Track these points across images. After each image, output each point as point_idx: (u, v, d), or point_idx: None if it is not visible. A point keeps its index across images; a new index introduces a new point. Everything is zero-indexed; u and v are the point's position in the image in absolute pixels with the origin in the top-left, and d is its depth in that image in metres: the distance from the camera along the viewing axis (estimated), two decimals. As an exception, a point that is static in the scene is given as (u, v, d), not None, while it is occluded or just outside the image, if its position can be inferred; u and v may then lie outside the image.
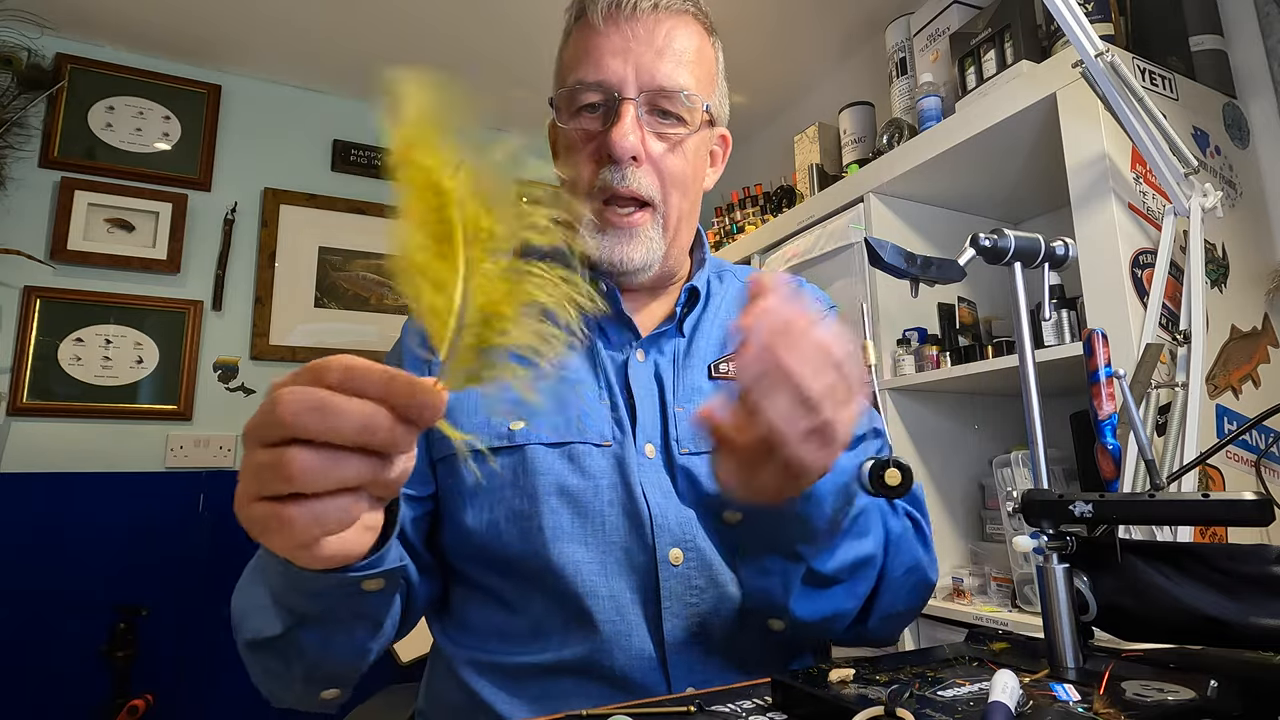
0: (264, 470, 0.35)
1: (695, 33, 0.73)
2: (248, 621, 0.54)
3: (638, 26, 0.70)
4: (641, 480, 0.67)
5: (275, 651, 0.53)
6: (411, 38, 2.27)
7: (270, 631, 0.51)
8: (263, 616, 0.52)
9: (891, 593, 0.65)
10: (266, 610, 0.51)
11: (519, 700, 0.64)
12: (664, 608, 0.64)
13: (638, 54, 0.69)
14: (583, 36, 0.71)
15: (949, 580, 1.49)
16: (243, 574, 0.59)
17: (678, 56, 0.70)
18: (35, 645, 1.92)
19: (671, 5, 0.71)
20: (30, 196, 2.14)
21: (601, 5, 0.70)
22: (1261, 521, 0.42)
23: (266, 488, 0.35)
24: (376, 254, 2.58)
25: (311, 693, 0.57)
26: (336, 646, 0.53)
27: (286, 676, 0.55)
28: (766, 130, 2.71)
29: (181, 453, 2.20)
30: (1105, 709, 0.41)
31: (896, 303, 1.66)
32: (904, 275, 0.59)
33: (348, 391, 0.35)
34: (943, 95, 1.63)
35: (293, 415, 0.34)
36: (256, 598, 0.53)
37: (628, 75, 0.69)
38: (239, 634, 0.56)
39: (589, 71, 0.69)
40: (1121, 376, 0.56)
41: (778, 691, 0.49)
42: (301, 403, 0.34)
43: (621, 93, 0.69)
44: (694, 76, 0.72)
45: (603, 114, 0.70)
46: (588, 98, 0.70)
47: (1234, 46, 1.45)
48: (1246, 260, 1.29)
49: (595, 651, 0.63)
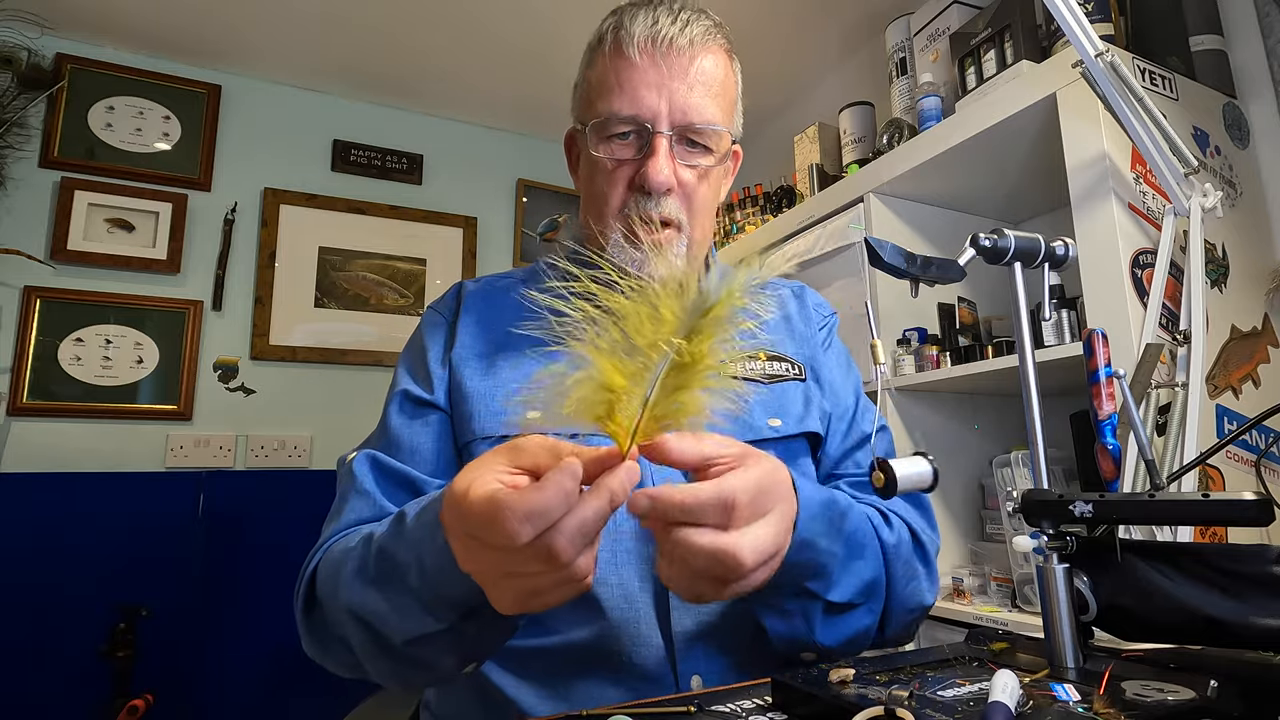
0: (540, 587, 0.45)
1: (722, 61, 0.76)
2: (399, 624, 0.54)
3: (672, 61, 0.72)
4: (652, 472, 0.69)
5: (436, 642, 0.54)
6: (412, 37, 2.27)
7: (436, 627, 0.53)
8: (417, 617, 0.53)
9: (899, 600, 0.67)
10: (420, 611, 0.53)
11: (527, 684, 0.65)
12: (671, 597, 0.65)
13: (671, 89, 0.71)
14: (617, 66, 0.73)
15: (949, 580, 1.49)
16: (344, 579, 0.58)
17: (707, 89, 0.73)
18: (35, 645, 1.92)
19: (705, 39, 0.74)
20: (30, 196, 2.14)
21: (638, 39, 0.72)
22: (1261, 521, 0.42)
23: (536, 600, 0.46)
24: (376, 254, 2.58)
25: (461, 667, 0.58)
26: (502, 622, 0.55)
27: (437, 661, 0.56)
28: (766, 130, 2.71)
29: (181, 453, 2.20)
30: (1105, 709, 0.41)
31: (896, 303, 1.66)
32: (904, 275, 0.59)
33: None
34: (943, 95, 1.63)
35: (562, 549, 0.42)
36: (399, 603, 0.54)
37: (661, 109, 0.71)
38: (382, 637, 0.56)
39: (624, 105, 0.71)
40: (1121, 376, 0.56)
41: (778, 691, 0.49)
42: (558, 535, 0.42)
43: (655, 126, 0.71)
44: (720, 108, 0.75)
45: (635, 143, 0.73)
46: (620, 128, 0.72)
47: (1234, 46, 1.45)
48: (1246, 260, 1.29)
49: (603, 637, 0.64)
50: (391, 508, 0.66)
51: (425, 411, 0.74)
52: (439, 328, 0.80)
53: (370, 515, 0.67)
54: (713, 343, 0.43)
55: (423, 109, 2.73)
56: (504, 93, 2.60)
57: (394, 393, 0.77)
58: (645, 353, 0.43)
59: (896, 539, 0.68)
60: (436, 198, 2.72)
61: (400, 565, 0.53)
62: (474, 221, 2.76)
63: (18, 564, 1.94)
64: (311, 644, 0.65)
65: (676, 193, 0.73)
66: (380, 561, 0.56)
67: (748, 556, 0.48)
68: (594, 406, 0.44)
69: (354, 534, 0.63)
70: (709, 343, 0.43)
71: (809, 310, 0.87)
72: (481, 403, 0.72)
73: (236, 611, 2.13)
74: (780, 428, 0.75)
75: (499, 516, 0.41)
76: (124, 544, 2.05)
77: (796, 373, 0.79)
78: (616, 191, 0.73)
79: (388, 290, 2.59)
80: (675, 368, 0.43)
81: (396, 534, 0.55)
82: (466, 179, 2.79)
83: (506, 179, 2.88)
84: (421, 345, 0.80)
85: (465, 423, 0.72)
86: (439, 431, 0.74)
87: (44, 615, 1.94)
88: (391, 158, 2.66)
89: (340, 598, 0.58)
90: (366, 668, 0.60)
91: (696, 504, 0.47)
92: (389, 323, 2.56)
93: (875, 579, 0.64)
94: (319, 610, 0.63)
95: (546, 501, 0.41)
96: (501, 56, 2.38)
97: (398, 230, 2.62)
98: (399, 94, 2.62)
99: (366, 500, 0.68)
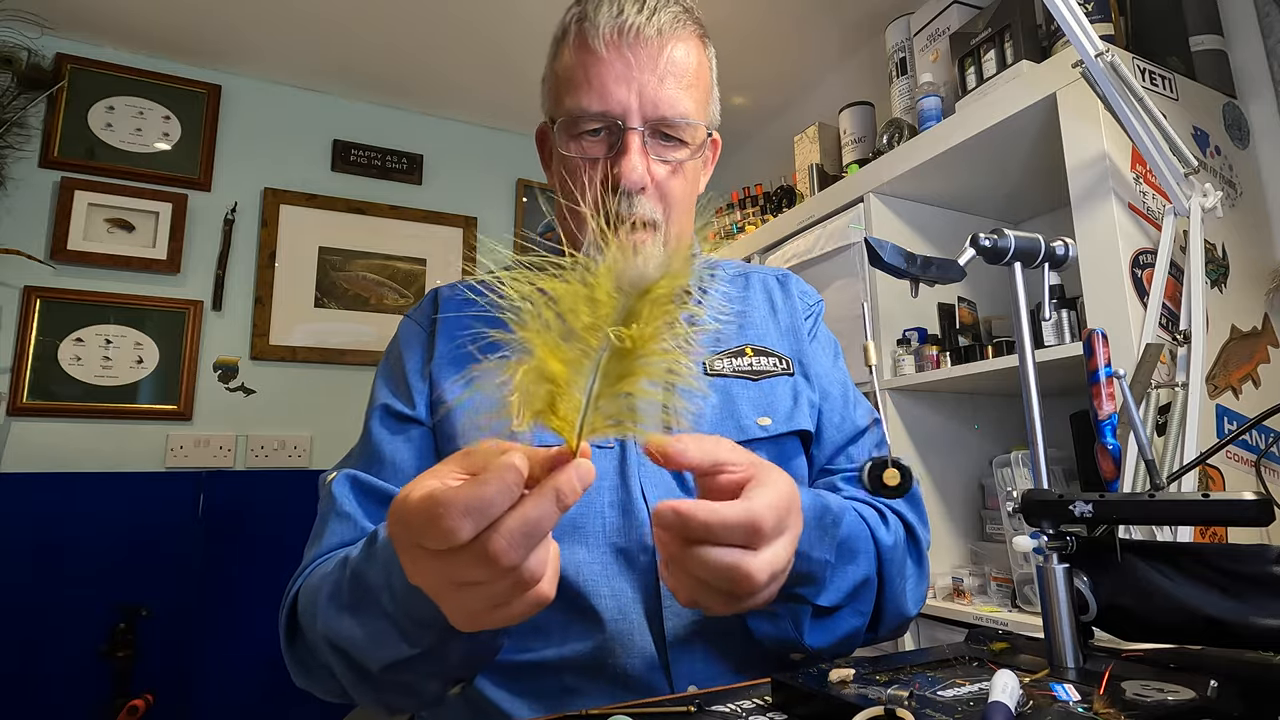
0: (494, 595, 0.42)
1: (694, 49, 0.73)
2: (375, 651, 0.52)
3: (641, 52, 0.69)
4: (642, 480, 0.68)
5: (416, 667, 0.52)
6: (413, 38, 2.27)
7: (411, 652, 0.51)
8: (393, 643, 0.51)
9: (891, 600, 0.67)
10: (396, 637, 0.50)
11: (521, 698, 0.64)
12: (665, 606, 0.64)
13: (641, 81, 0.68)
14: (583, 59, 0.70)
15: (949, 580, 1.49)
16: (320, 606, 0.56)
17: (679, 80, 0.70)
18: (35, 645, 1.92)
19: (674, 27, 0.71)
20: (30, 196, 2.14)
21: (604, 30, 0.69)
22: (1261, 521, 0.42)
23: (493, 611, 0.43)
24: (376, 254, 2.58)
25: (445, 689, 0.56)
26: (481, 642, 0.53)
27: (420, 686, 0.54)
28: (766, 130, 2.71)
29: (181, 453, 2.20)
30: (1105, 709, 0.41)
31: (896, 303, 1.66)
32: (904, 275, 0.59)
33: None
34: (943, 95, 1.63)
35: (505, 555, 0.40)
36: (374, 628, 0.52)
37: (631, 104, 0.68)
38: (363, 663, 0.53)
39: (593, 100, 0.69)
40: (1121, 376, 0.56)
41: (778, 691, 0.49)
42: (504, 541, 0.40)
43: (626, 122, 0.69)
44: (694, 100, 0.72)
45: (605, 140, 0.70)
46: (590, 125, 0.70)
47: (1234, 46, 1.45)
48: (1246, 260, 1.29)
49: (598, 649, 0.63)
50: (372, 528, 0.65)
51: (406, 426, 0.72)
52: (416, 338, 0.77)
53: (351, 538, 0.64)
54: (656, 327, 0.39)
55: (423, 109, 2.73)
56: (504, 93, 2.60)
57: (374, 407, 0.74)
58: (582, 338, 0.39)
59: (893, 540, 0.67)
60: (436, 198, 2.72)
61: (372, 589, 0.51)
62: (474, 221, 2.76)
63: (18, 564, 1.94)
64: (297, 673, 0.63)
65: (651, 191, 0.70)
66: (354, 586, 0.53)
67: (763, 577, 0.47)
68: (534, 399, 0.40)
69: (332, 558, 0.61)
70: (651, 327, 0.39)
71: (794, 299, 0.84)
72: (463, 414, 0.70)
73: (236, 611, 2.12)
74: (770, 426, 0.73)
75: (435, 514, 0.39)
76: (124, 544, 2.06)
77: (784, 367, 0.77)
78: (591, 191, 0.70)
79: (388, 290, 2.59)
80: (617, 354, 0.39)
81: (368, 556, 0.53)
82: (466, 179, 2.79)
83: (506, 179, 2.88)
84: (399, 357, 0.77)
85: (447, 436, 0.70)
86: (421, 447, 0.71)
87: (44, 615, 1.94)
88: (391, 158, 2.66)
89: (318, 626, 0.56)
90: (352, 695, 0.58)
91: (723, 526, 0.45)
92: (389, 323, 2.56)
93: (866, 579, 0.64)
94: (301, 639, 0.61)
95: (485, 495, 0.39)
96: (502, 56, 2.38)
97: (398, 230, 2.62)
98: (399, 94, 2.62)
99: (347, 523, 0.65)
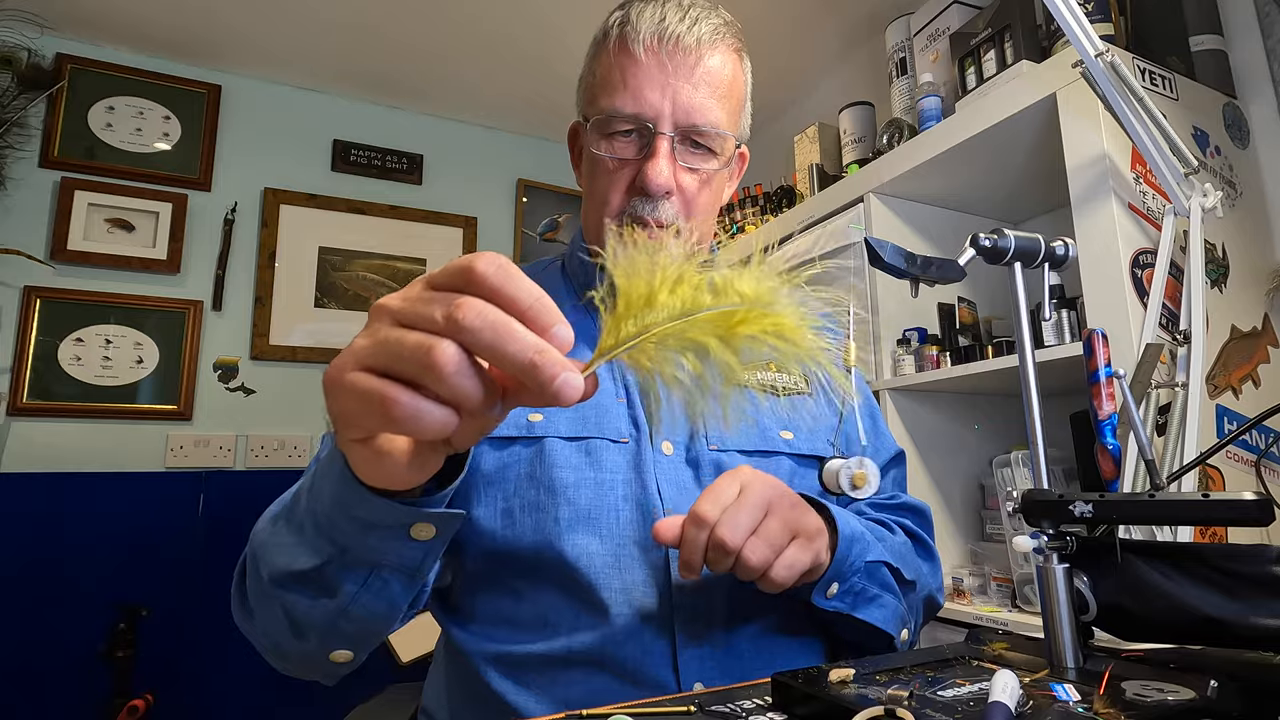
0: (403, 349, 0.33)
1: (730, 61, 0.74)
2: (273, 555, 0.51)
3: (678, 60, 0.70)
4: (658, 476, 0.68)
5: (301, 590, 0.51)
6: (413, 37, 2.27)
7: (303, 565, 0.49)
8: (295, 551, 0.50)
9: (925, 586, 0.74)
10: (300, 545, 0.50)
11: (528, 690, 0.64)
12: (675, 602, 0.65)
13: (675, 88, 0.70)
14: (621, 62, 0.71)
15: (949, 580, 1.49)
16: (268, 512, 0.57)
17: (713, 90, 0.71)
18: (35, 645, 1.92)
19: (713, 38, 0.72)
20: (30, 196, 2.14)
21: (644, 35, 0.70)
22: (1261, 521, 0.42)
23: (394, 366, 0.34)
24: (376, 254, 2.58)
25: (325, 649, 0.54)
26: (370, 594, 0.51)
27: (304, 624, 0.53)
28: (766, 130, 2.71)
29: (181, 453, 2.20)
30: (1105, 709, 0.41)
31: (896, 303, 1.66)
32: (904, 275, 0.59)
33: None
34: (943, 95, 1.63)
35: (470, 321, 0.32)
36: (287, 533, 0.51)
37: (664, 109, 0.70)
38: (259, 569, 0.53)
39: (627, 102, 0.70)
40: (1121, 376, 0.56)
41: (778, 691, 0.49)
42: (483, 318, 0.33)
43: (657, 126, 0.70)
44: (726, 111, 0.73)
45: (636, 143, 0.72)
46: (622, 126, 0.71)
47: (1234, 46, 1.45)
48: (1246, 260, 1.29)
49: (606, 642, 0.63)
50: None
51: None
52: None
53: None
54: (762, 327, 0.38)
55: (423, 109, 2.73)
56: (504, 93, 2.60)
57: None
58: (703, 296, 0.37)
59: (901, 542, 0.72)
60: (436, 198, 2.72)
61: (297, 493, 0.51)
62: (474, 221, 2.76)
63: (18, 564, 1.94)
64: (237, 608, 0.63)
65: (676, 196, 0.72)
66: (290, 502, 0.54)
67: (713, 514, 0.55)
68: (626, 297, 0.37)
69: None
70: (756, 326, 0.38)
71: None
72: None
73: (236, 611, 2.12)
74: (792, 441, 0.75)
75: (460, 262, 0.35)
76: (124, 544, 2.06)
77: (804, 387, 0.80)
78: (616, 192, 0.72)
79: (387, 290, 2.59)
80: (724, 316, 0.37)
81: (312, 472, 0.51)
82: (466, 179, 2.79)
83: (506, 179, 2.88)
84: None
85: None
86: None
87: (44, 615, 1.94)
88: (391, 158, 2.66)
89: (253, 546, 0.56)
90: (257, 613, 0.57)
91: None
92: (389, 323, 2.56)
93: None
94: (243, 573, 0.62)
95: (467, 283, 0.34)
96: (502, 56, 2.38)
97: (398, 230, 2.62)
98: (399, 94, 2.62)
99: None
